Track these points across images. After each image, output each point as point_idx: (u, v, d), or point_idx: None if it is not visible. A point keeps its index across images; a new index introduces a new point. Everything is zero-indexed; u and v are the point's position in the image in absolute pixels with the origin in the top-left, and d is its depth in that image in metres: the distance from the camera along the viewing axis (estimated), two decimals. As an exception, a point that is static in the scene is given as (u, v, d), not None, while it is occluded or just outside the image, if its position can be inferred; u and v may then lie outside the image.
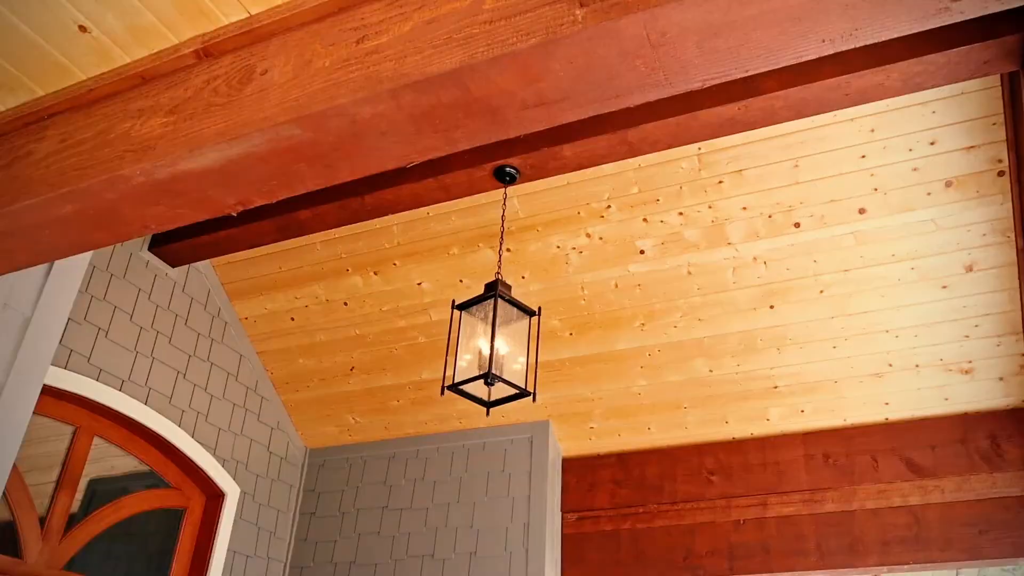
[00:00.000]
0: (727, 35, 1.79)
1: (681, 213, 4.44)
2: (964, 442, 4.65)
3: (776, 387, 4.89)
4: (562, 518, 5.28)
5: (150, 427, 4.70)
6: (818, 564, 4.71)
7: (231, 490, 5.19)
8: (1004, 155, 3.95)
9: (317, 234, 4.90)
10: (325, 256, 5.06)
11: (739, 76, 1.86)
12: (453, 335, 3.75)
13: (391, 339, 5.31)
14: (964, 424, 4.69)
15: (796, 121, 4.00)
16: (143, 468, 4.84)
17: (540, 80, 1.88)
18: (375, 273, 5.04)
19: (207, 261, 5.23)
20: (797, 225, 4.34)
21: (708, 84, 1.90)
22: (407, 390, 5.49)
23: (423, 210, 4.68)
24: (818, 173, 4.18)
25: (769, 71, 3.53)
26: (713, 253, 4.52)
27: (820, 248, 4.37)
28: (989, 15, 3.30)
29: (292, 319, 5.39)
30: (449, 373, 3.76)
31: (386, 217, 4.58)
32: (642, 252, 4.60)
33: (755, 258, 4.49)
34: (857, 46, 1.82)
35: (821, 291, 4.51)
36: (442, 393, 3.63)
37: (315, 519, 5.66)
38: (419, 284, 5.01)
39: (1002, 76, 3.77)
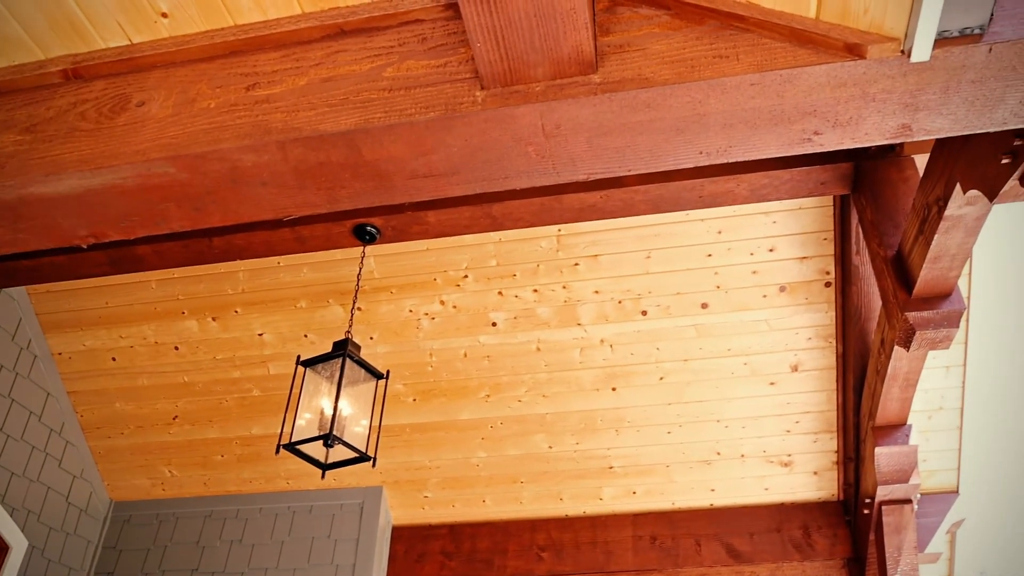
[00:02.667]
0: (616, 136, 1.87)
1: (536, 290, 4.53)
2: (780, 531, 4.94)
3: (611, 467, 5.01)
4: (386, 589, 5.10)
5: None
6: (640, 644, 4.81)
7: (17, 543, 4.64)
8: (832, 268, 4.34)
9: (154, 272, 4.60)
10: (160, 295, 4.74)
11: (622, 174, 1.94)
12: (295, 392, 3.59)
13: (222, 390, 5.01)
14: (780, 514, 4.99)
15: (652, 215, 4.23)
16: (-86, 515, 4.26)
17: (433, 153, 1.88)
18: (213, 319, 4.77)
19: (22, 287, 4.77)
20: (644, 313, 4.53)
21: (592, 178, 1.97)
22: (233, 445, 5.17)
23: (274, 259, 4.50)
24: (667, 266, 4.40)
25: (633, 167, 3.73)
26: (563, 332, 4.63)
27: (663, 337, 4.58)
28: (829, 143, 3.64)
29: (114, 359, 4.98)
30: (286, 430, 3.59)
31: (233, 262, 4.38)
32: (494, 324, 4.63)
33: (602, 340, 4.63)
34: (730, 161, 1.95)
35: (661, 378, 4.70)
36: (277, 451, 3.44)
37: (112, 580, 5.16)
38: (260, 335, 4.78)
39: (835, 197, 4.17)
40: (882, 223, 3.63)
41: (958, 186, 2.75)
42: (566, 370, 4.73)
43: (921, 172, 3.36)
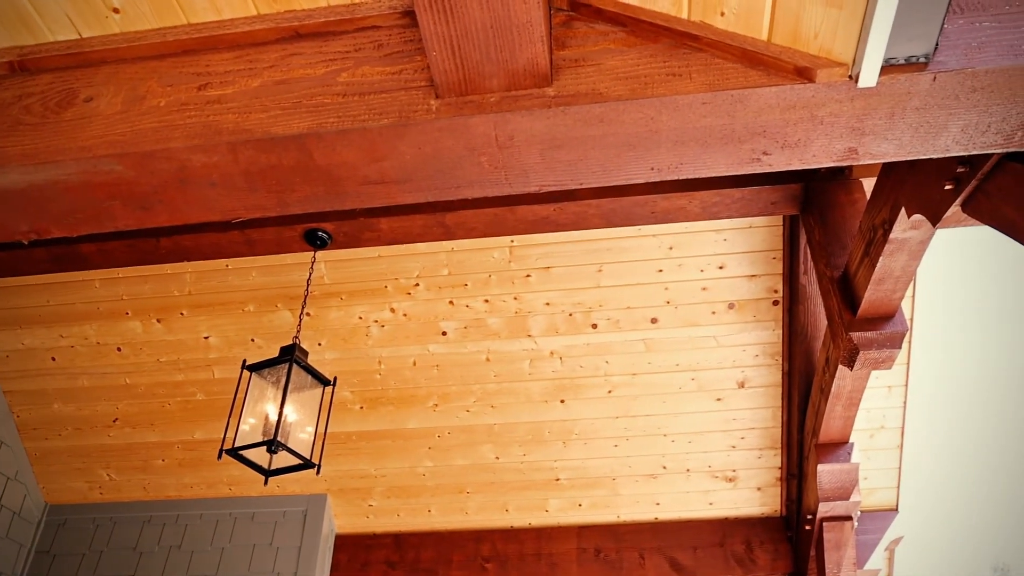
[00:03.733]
0: (568, 149, 1.88)
1: (487, 300, 4.52)
2: (723, 545, 4.99)
3: (558, 479, 5.01)
4: (327, 599, 5.02)
5: None
6: (578, 656, 4.81)
7: (-57, 548, 4.48)
8: (780, 287, 4.41)
9: (98, 271, 4.48)
10: (104, 295, 4.62)
11: (574, 187, 1.95)
12: (239, 396, 3.53)
13: (165, 393, 4.89)
14: (724, 528, 5.04)
15: (605, 229, 4.26)
16: None
17: (385, 159, 1.86)
18: (158, 320, 4.66)
19: (-42, 283, 4.62)
20: (594, 326, 4.55)
21: (545, 190, 1.97)
22: (175, 449, 5.06)
23: (222, 261, 4.42)
24: (618, 280, 4.43)
25: (588, 180, 3.75)
26: (513, 343, 4.62)
27: (613, 350, 4.61)
28: (779, 164, 3.71)
29: (53, 359, 4.83)
30: (229, 436, 3.52)
31: (180, 263, 4.29)
32: (444, 334, 4.61)
33: (552, 353, 4.64)
34: (681, 178, 1.97)
35: (609, 391, 4.72)
36: (219, 457, 3.38)
37: (43, 587, 4.99)
38: (206, 338, 4.69)
39: (785, 217, 4.24)
40: (830, 244, 3.71)
41: (903, 210, 2.82)
42: (515, 381, 4.72)
43: (868, 195, 3.44)
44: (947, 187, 2.49)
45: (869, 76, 1.74)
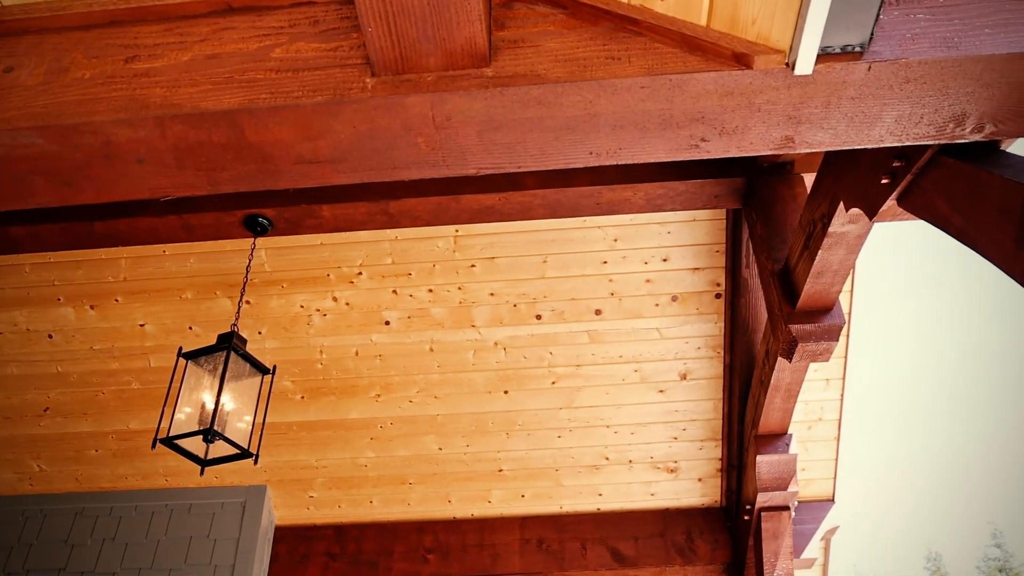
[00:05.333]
0: (507, 131, 1.86)
1: (431, 290, 4.48)
2: (664, 536, 5.03)
3: (501, 470, 5.00)
4: (266, 592, 4.94)
5: None
6: (521, 647, 4.81)
7: None
8: (722, 280, 4.46)
9: (29, 255, 4.32)
10: (34, 280, 4.46)
11: (512, 170, 1.93)
12: (175, 385, 3.44)
13: (99, 381, 4.75)
14: (665, 519, 5.09)
15: (550, 220, 4.25)
16: None
17: (320, 138, 1.82)
18: (92, 307, 4.52)
19: None
20: (539, 317, 4.55)
21: (482, 173, 1.95)
22: (109, 439, 4.91)
23: (159, 247, 4.31)
24: (563, 271, 4.43)
25: (532, 172, 3.74)
26: (457, 333, 4.59)
27: (557, 341, 4.61)
28: (724, 159, 3.76)
29: (-22, 346, 4.65)
30: (164, 425, 3.42)
31: (115, 248, 4.16)
32: (387, 323, 4.56)
33: (496, 343, 4.62)
34: (620, 163, 1.96)
35: (553, 382, 4.73)
36: (153, 446, 3.29)
37: (-33, 583, 4.81)
38: (142, 325, 4.56)
39: (728, 211, 4.29)
40: (771, 238, 3.75)
41: (841, 204, 2.86)
42: (459, 372, 4.70)
43: (809, 190, 3.49)
44: (883, 181, 2.53)
45: (805, 64, 1.75)
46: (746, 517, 4.63)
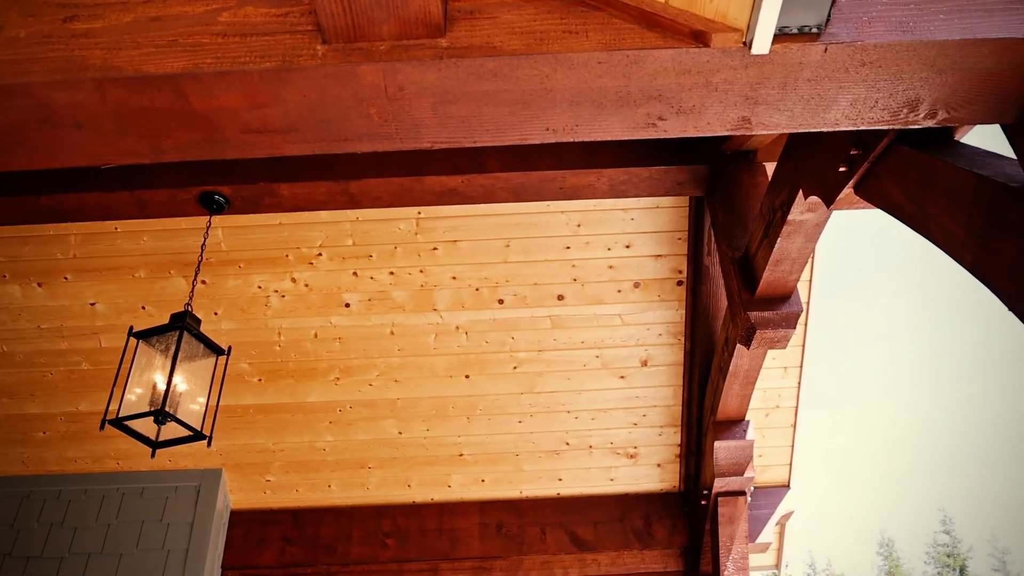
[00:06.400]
0: (462, 104, 1.82)
1: (392, 273, 4.43)
2: (623, 520, 5.06)
3: (461, 455, 4.98)
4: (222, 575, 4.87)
5: None
6: (481, 633, 4.81)
7: None
8: (684, 267, 4.47)
9: (-26, 230, 4.20)
10: (-21, 256, 4.33)
11: (467, 145, 1.90)
12: (125, 365, 3.36)
13: (46, 362, 4.63)
14: (624, 504, 5.11)
15: (513, 204, 4.22)
16: None
17: (268, 106, 1.77)
18: (39, 285, 4.40)
19: None
20: (501, 302, 4.52)
21: (437, 146, 1.91)
22: (57, 421, 4.79)
23: (111, 224, 4.20)
24: (526, 256, 4.41)
25: (495, 154, 3.70)
26: (418, 317, 4.55)
27: (519, 326, 4.59)
28: (688, 146, 3.76)
29: (-78, 324, 4.51)
30: (114, 407, 3.34)
31: (64, 224, 4.05)
32: (347, 306, 4.50)
33: (458, 327, 4.59)
34: (577, 140, 1.94)
35: (515, 367, 4.71)
36: (102, 427, 3.21)
37: (-91, 567, 4.68)
38: (92, 304, 4.45)
39: (691, 199, 4.29)
40: (732, 226, 3.76)
41: (800, 192, 2.87)
42: (420, 355, 4.66)
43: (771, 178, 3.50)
44: (841, 169, 2.55)
45: (762, 43, 1.73)
46: (703, 502, 4.66)
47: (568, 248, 4.42)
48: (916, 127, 1.98)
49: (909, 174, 2.25)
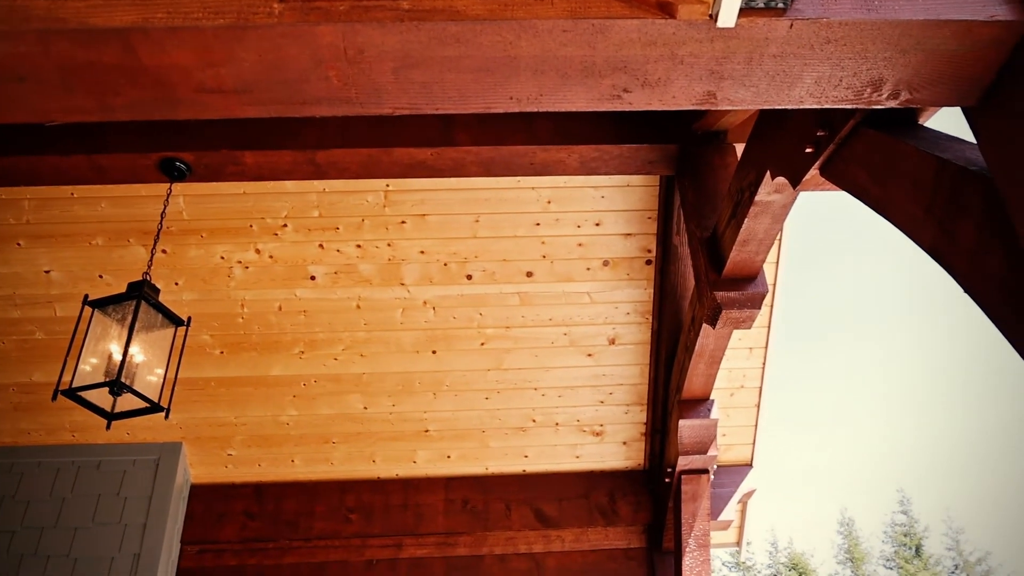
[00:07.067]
0: (423, 69, 1.78)
1: (359, 246, 4.37)
2: (587, 497, 5.08)
3: (427, 431, 4.96)
4: (181, 550, 4.82)
5: None
6: (443, 607, 4.82)
7: None
8: (653, 246, 4.46)
9: (-76, 194, 4.07)
10: (-68, 221, 4.20)
11: (430, 112, 1.85)
12: (79, 334, 3.28)
13: (-1, 331, 4.52)
14: (589, 481, 5.13)
15: (483, 179, 4.18)
16: None
17: (222, 65, 1.71)
18: (-5, 251, 4.28)
19: None
20: (469, 277, 4.49)
21: (398, 112, 1.87)
22: (10, 392, 4.68)
23: (67, 189, 4.09)
24: (495, 232, 4.37)
25: (465, 127, 3.66)
26: (385, 291, 4.51)
27: (487, 302, 4.56)
28: (659, 125, 3.74)
29: None
30: (68, 377, 3.26)
31: (17, 188, 3.93)
32: (313, 278, 4.44)
33: (425, 302, 4.56)
34: (541, 110, 1.90)
35: (482, 343, 4.69)
36: (54, 398, 3.13)
37: None
38: (47, 272, 4.34)
39: (661, 178, 4.28)
40: (701, 206, 3.76)
41: (768, 173, 2.87)
42: (386, 330, 4.62)
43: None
44: (807, 150, 2.55)
45: (728, 16, 1.71)
46: (667, 480, 4.70)
47: (538, 225, 4.39)
48: (880, 107, 1.97)
49: (873, 156, 2.25)
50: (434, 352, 4.71)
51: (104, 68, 1.68)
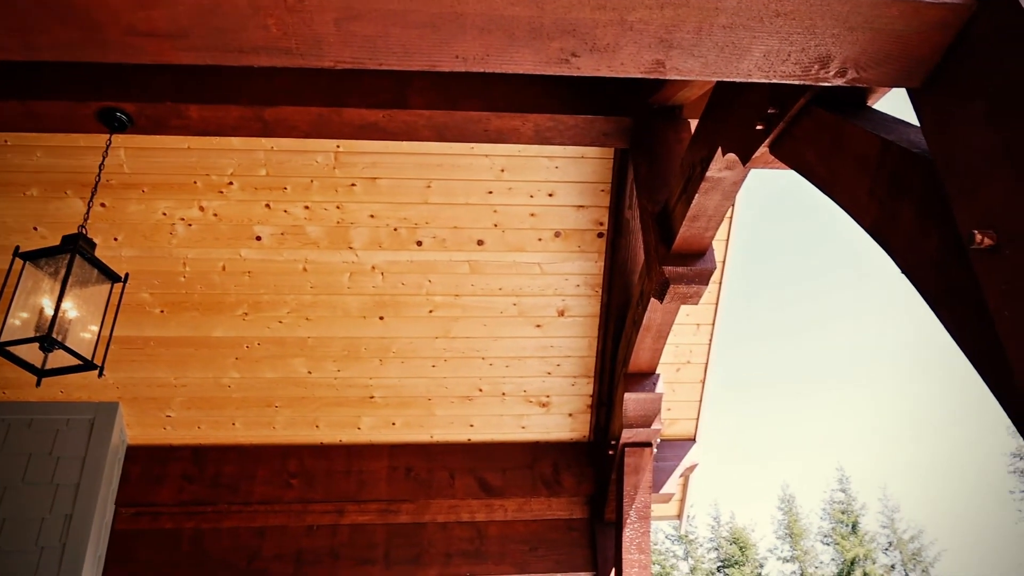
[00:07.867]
0: (367, 22, 1.72)
1: (307, 207, 4.29)
2: (532, 468, 5.10)
3: (372, 397, 4.92)
4: (116, 512, 4.73)
5: None
6: (384, 573, 4.81)
7: None
8: (605, 219, 4.45)
9: None
10: None
11: (373, 67, 1.80)
12: (9, 287, 3.17)
13: (-67, 282, 4.35)
14: (534, 452, 5.15)
15: (436, 144, 4.11)
16: None
17: (156, 7, 1.63)
18: (-75, 199, 4.11)
19: None
20: (419, 243, 4.44)
21: (340, 66, 1.81)
22: (-57, 346, 4.53)
23: None
24: (447, 198, 4.32)
25: (419, 90, 3.59)
26: (333, 254, 4.44)
27: (437, 269, 4.52)
28: (615, 97, 3.71)
29: None
30: (-2, 331, 3.15)
31: (-51, 134, 3.78)
32: (258, 239, 4.35)
33: (374, 267, 4.50)
34: (488, 71, 1.86)
35: (431, 311, 4.65)
36: (-20, 353, 3.03)
37: None
38: (-17, 223, 4.19)
39: (616, 151, 4.25)
40: (654, 180, 3.75)
41: (720, 148, 2.87)
42: (333, 294, 4.55)
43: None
44: (758, 127, 2.55)
45: (680, -18, 1.68)
46: (610, 452, 4.73)
47: (490, 193, 4.35)
48: (827, 84, 1.97)
49: (822, 136, 2.26)
50: (381, 318, 4.66)
51: (27, 3, 1.59)
